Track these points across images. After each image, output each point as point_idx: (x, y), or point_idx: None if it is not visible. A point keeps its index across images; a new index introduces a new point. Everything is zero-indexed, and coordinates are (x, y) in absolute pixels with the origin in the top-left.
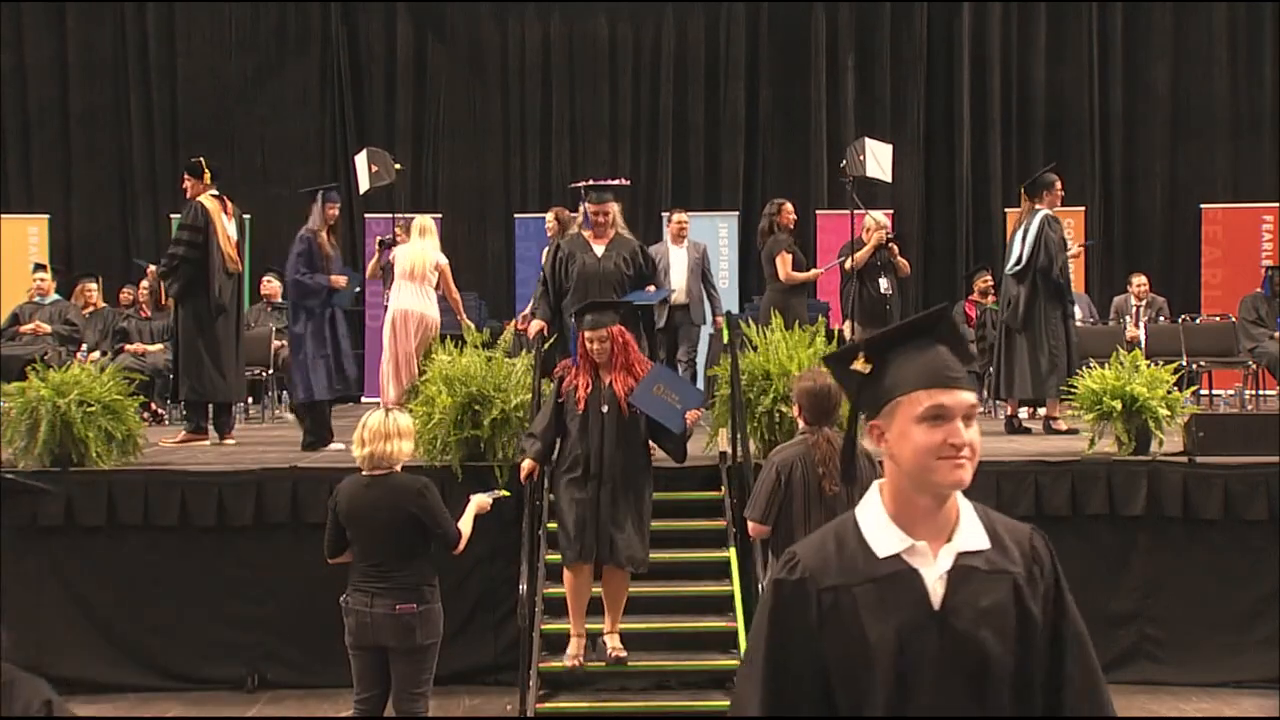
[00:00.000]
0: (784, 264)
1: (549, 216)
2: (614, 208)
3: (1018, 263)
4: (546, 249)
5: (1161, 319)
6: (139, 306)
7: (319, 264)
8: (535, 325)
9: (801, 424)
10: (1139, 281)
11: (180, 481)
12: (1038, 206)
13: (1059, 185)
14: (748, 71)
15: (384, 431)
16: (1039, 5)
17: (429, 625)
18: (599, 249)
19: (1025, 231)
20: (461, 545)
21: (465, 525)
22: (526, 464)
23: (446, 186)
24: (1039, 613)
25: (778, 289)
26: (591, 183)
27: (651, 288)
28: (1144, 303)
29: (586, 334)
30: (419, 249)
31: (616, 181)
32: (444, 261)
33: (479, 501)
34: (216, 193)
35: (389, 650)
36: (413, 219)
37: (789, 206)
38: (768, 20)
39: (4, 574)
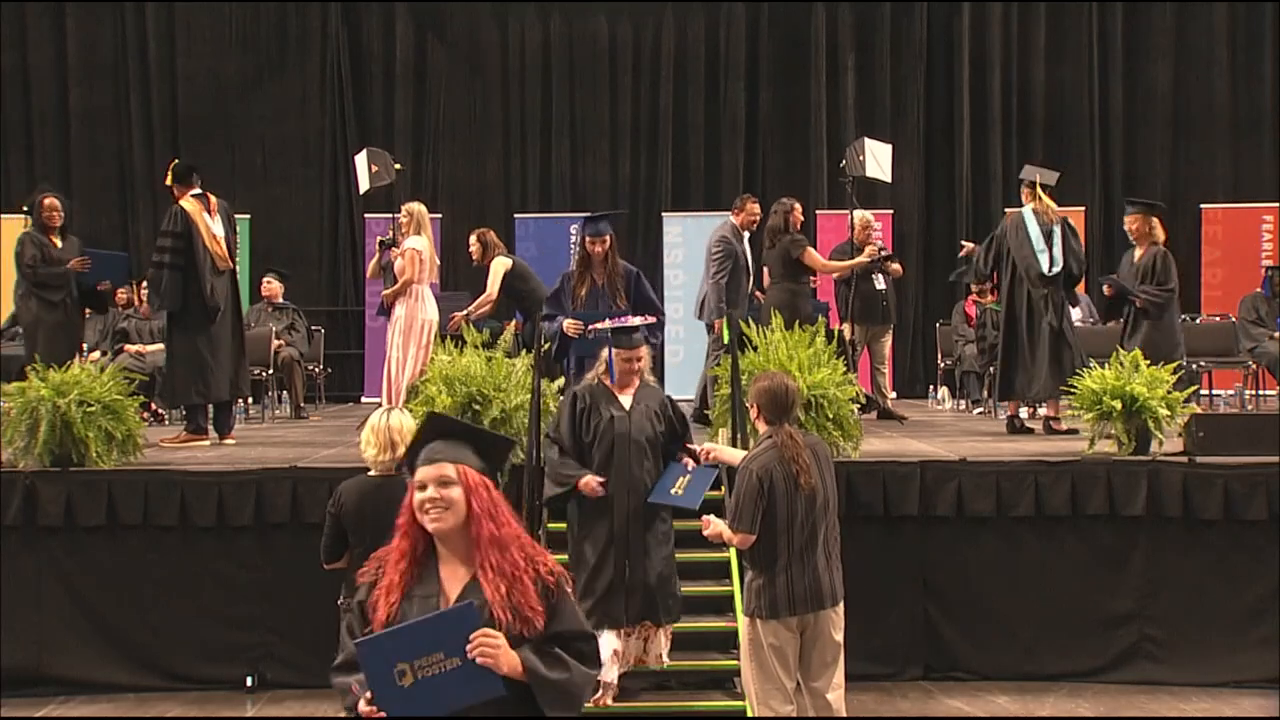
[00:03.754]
0: (814, 258)
1: (472, 239)
2: (645, 355)
3: (1051, 264)
4: (565, 398)
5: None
6: (138, 307)
7: (564, 303)
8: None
9: (763, 426)
10: None
11: (180, 481)
12: (1037, 208)
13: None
14: (748, 71)
15: (392, 435)
16: (1039, 5)
17: None
18: (625, 400)
19: (1048, 234)
20: None
21: None
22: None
23: (446, 186)
24: None
25: (786, 288)
26: (620, 324)
27: (689, 462)
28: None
29: (420, 475)
30: (431, 248)
31: (644, 320)
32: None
33: None
34: (199, 192)
35: None
36: (413, 208)
37: (799, 207)
38: (768, 20)
39: (4, 574)
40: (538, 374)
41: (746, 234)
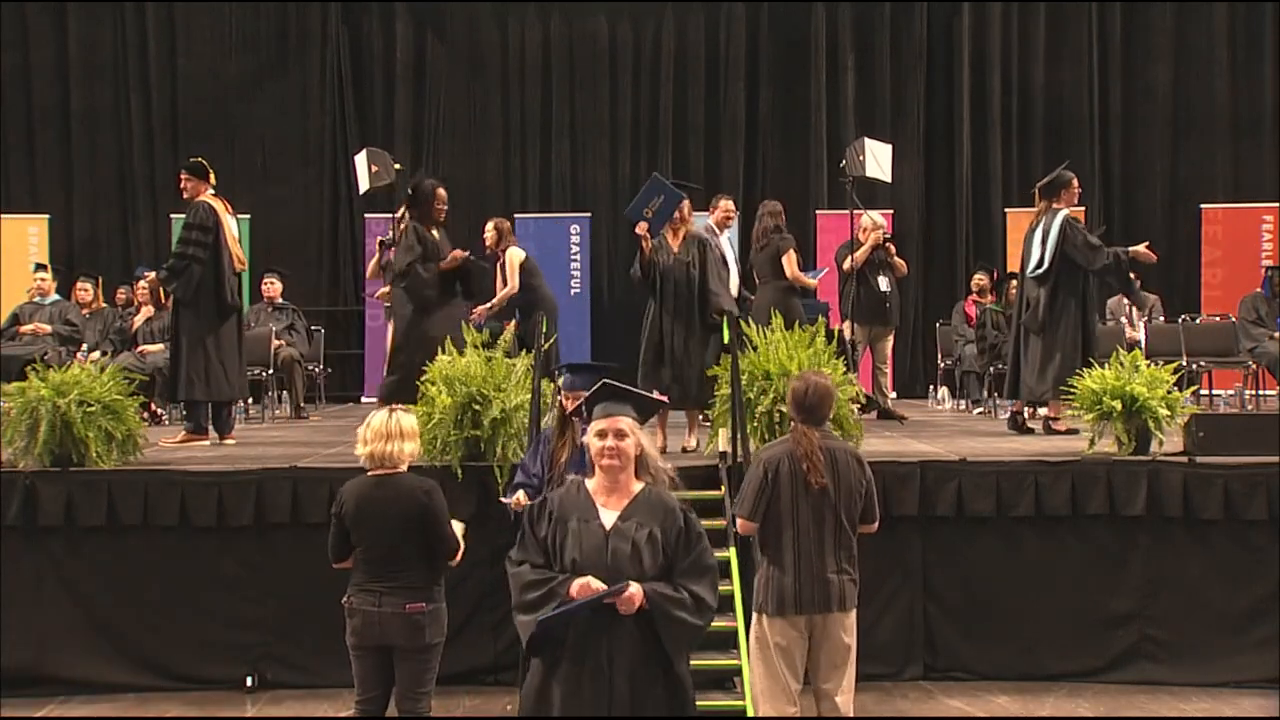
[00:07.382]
0: (791, 262)
1: (488, 227)
2: (635, 433)
3: (1039, 265)
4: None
5: (1156, 316)
6: (137, 307)
7: (538, 467)
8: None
9: (792, 422)
10: None
11: (180, 481)
12: (1056, 206)
13: (1075, 184)
14: (748, 71)
15: (385, 432)
16: (1039, 5)
17: (437, 625)
18: (609, 515)
19: (1046, 233)
20: (459, 558)
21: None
22: None
23: (446, 186)
24: None
25: (779, 287)
26: (611, 385)
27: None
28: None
29: None
30: None
31: (656, 396)
32: None
33: (459, 528)
34: (214, 192)
35: (395, 650)
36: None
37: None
38: (768, 20)
39: (4, 574)
40: (537, 374)
41: (725, 233)
